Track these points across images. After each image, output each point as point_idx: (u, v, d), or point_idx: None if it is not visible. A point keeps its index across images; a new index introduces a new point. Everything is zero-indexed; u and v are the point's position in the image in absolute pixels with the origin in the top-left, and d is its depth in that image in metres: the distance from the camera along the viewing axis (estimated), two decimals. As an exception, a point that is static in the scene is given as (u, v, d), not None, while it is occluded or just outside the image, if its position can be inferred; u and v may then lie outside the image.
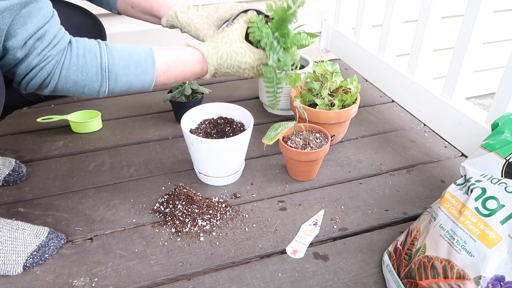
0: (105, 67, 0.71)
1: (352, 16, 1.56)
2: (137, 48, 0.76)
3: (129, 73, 0.74)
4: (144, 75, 0.75)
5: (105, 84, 0.72)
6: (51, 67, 0.67)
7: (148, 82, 0.76)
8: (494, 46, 2.05)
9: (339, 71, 1.16)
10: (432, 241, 0.73)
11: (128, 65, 0.73)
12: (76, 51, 0.70)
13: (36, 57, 0.66)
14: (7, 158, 1.07)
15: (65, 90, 0.71)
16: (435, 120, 1.19)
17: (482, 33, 1.02)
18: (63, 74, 0.69)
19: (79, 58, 0.69)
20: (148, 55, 0.75)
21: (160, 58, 0.77)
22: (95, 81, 0.71)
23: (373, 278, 0.83)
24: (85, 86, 0.71)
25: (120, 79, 0.73)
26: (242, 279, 0.82)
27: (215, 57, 0.81)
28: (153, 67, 0.76)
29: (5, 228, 0.83)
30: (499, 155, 0.76)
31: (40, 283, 0.81)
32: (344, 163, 1.15)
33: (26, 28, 0.63)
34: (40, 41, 0.65)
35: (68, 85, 0.70)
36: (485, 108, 2.12)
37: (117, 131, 1.28)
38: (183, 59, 0.80)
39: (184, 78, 0.82)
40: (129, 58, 0.73)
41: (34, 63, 0.66)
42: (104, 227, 0.93)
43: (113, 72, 0.72)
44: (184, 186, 1.01)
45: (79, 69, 0.69)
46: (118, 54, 0.73)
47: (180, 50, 0.80)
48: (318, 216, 0.97)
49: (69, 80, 0.69)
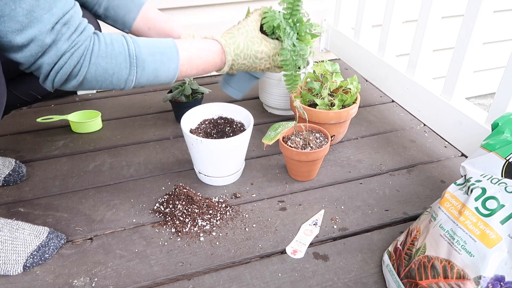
0: (133, 54, 0.71)
1: (352, 16, 1.56)
2: (160, 39, 0.77)
3: (156, 60, 0.74)
4: (169, 63, 0.76)
5: (134, 72, 0.72)
6: (80, 53, 0.67)
7: (173, 71, 0.77)
8: (494, 46, 2.05)
9: (339, 71, 1.16)
10: (432, 241, 0.73)
11: (154, 53, 0.74)
12: (104, 39, 0.70)
13: (65, 42, 0.65)
14: (7, 158, 1.07)
15: (94, 80, 0.70)
16: (435, 120, 1.19)
17: (482, 33, 1.02)
18: (93, 60, 0.68)
19: (107, 45, 0.70)
20: (171, 45, 0.77)
21: (183, 47, 0.78)
22: (123, 68, 0.71)
23: (373, 278, 0.83)
24: (114, 74, 0.71)
25: (147, 66, 0.73)
26: (242, 279, 0.82)
27: (232, 47, 0.83)
28: (177, 55, 0.76)
29: (5, 228, 0.83)
30: (499, 155, 0.76)
31: (40, 283, 0.81)
32: (344, 163, 1.15)
33: (52, 13, 0.62)
34: (67, 26, 0.65)
35: (97, 73, 0.69)
36: (485, 108, 2.12)
37: (117, 131, 1.28)
38: (204, 49, 0.81)
39: (205, 69, 0.82)
40: (154, 46, 0.74)
41: (64, 48, 0.65)
42: (104, 227, 0.93)
43: (140, 59, 0.72)
44: (184, 186, 1.01)
45: (108, 56, 0.69)
46: (143, 43, 0.74)
47: (200, 42, 0.82)
48: (318, 216, 0.97)
49: (99, 67, 0.69)
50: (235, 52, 0.83)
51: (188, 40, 0.81)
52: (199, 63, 0.80)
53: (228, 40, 0.83)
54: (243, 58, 0.84)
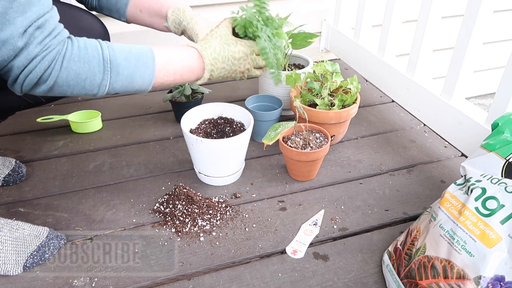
0: (107, 58, 0.70)
1: (352, 16, 1.56)
2: (136, 45, 0.76)
3: (131, 65, 0.72)
4: (144, 68, 0.74)
5: (107, 77, 0.70)
6: (52, 57, 0.65)
7: (149, 77, 0.75)
8: (494, 46, 2.05)
9: (339, 71, 1.16)
10: (432, 241, 0.73)
11: (129, 57, 0.72)
12: (77, 43, 0.69)
13: (37, 46, 0.64)
14: (7, 158, 1.07)
15: (65, 85, 0.68)
16: (435, 120, 1.19)
17: (482, 33, 1.02)
18: (65, 64, 0.67)
19: (80, 49, 0.68)
20: (147, 50, 0.75)
21: (159, 53, 0.77)
22: (97, 72, 0.69)
23: (373, 278, 0.83)
24: (87, 79, 0.69)
25: (122, 71, 0.71)
26: (242, 279, 0.82)
27: (209, 51, 0.82)
28: (153, 61, 0.75)
29: (5, 228, 0.83)
30: (499, 155, 0.76)
31: (40, 283, 0.81)
32: (344, 163, 1.15)
33: (26, 16, 0.61)
34: (41, 30, 0.64)
35: (69, 78, 0.68)
36: (485, 108, 2.12)
37: (117, 131, 1.28)
38: (180, 55, 0.80)
39: (183, 75, 0.81)
40: (129, 51, 0.73)
41: (35, 52, 0.64)
42: (104, 227, 0.93)
43: (114, 63, 0.70)
44: (184, 186, 1.01)
45: (81, 60, 0.68)
46: (118, 47, 0.72)
47: (176, 48, 0.81)
48: (318, 216, 0.97)
49: (71, 71, 0.67)
50: (212, 56, 0.82)
51: (165, 47, 0.80)
52: (176, 68, 0.79)
53: (203, 45, 0.82)
54: (221, 61, 0.83)
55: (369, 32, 1.50)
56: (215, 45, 0.82)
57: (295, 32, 1.25)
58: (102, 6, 0.95)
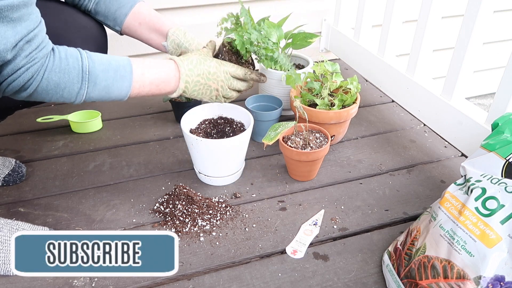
0: (86, 69, 0.73)
1: (352, 16, 1.56)
2: (115, 57, 0.79)
3: (108, 77, 0.75)
4: (122, 81, 0.77)
5: (85, 87, 0.73)
6: (35, 69, 0.68)
7: (126, 89, 0.78)
8: (494, 46, 2.05)
9: (339, 71, 1.16)
10: (432, 241, 0.73)
11: (107, 69, 0.75)
12: (59, 54, 0.71)
13: (23, 58, 0.66)
14: (7, 158, 1.07)
15: (44, 93, 0.71)
16: (435, 120, 1.19)
17: (482, 33, 1.02)
18: (46, 76, 0.70)
19: (61, 60, 0.71)
20: (126, 63, 0.78)
21: (137, 65, 0.80)
22: (75, 83, 0.72)
23: (373, 278, 0.83)
24: (65, 88, 0.72)
25: (99, 82, 0.75)
26: (242, 279, 0.82)
27: (186, 62, 0.85)
28: (130, 74, 0.78)
29: (5, 228, 0.83)
30: (499, 155, 0.76)
31: (40, 283, 0.81)
32: (344, 163, 1.15)
33: (17, 31, 0.63)
34: (29, 44, 0.66)
35: (49, 87, 0.71)
36: (485, 108, 2.12)
37: (117, 131, 1.28)
38: (158, 66, 0.83)
39: (159, 86, 0.84)
40: (108, 63, 0.76)
41: (21, 64, 0.66)
42: (104, 227, 0.93)
43: (93, 74, 0.73)
44: (184, 186, 1.01)
45: (61, 71, 0.71)
46: (98, 59, 0.75)
47: (155, 61, 0.84)
48: (318, 216, 0.97)
49: (51, 81, 0.70)
50: (188, 67, 0.85)
51: (144, 59, 0.83)
52: (152, 79, 0.82)
53: (182, 58, 0.86)
54: (196, 74, 0.86)
55: (369, 32, 1.50)
56: (192, 58, 0.87)
57: (295, 32, 1.25)
58: (98, 12, 0.95)
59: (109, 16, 0.95)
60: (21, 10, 0.63)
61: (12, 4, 0.61)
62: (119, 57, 0.79)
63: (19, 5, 0.62)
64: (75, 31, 0.78)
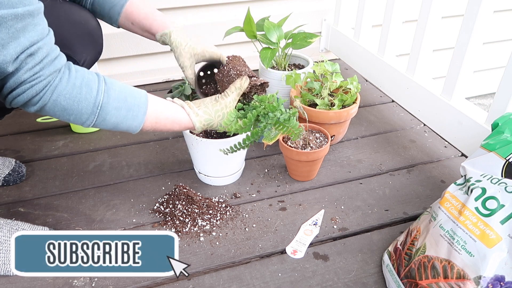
0: (99, 104, 0.71)
1: (352, 16, 1.56)
2: (134, 92, 0.76)
3: (119, 115, 0.73)
4: (132, 120, 0.75)
5: (93, 119, 0.72)
6: (41, 87, 0.65)
7: (135, 127, 0.77)
8: (494, 46, 2.05)
9: (339, 71, 1.16)
10: (432, 241, 0.73)
11: (121, 107, 0.73)
12: (74, 80, 0.69)
13: (26, 72, 0.64)
14: (7, 158, 1.07)
15: (51, 113, 0.70)
16: (435, 120, 1.19)
17: (482, 33, 1.02)
18: (54, 97, 0.67)
19: (74, 87, 0.69)
20: (142, 103, 0.76)
21: (153, 108, 0.78)
22: (83, 113, 0.70)
23: (373, 278, 0.83)
24: (72, 115, 0.70)
25: (108, 119, 0.73)
26: (242, 279, 0.82)
27: (204, 123, 0.85)
28: (143, 115, 0.76)
29: (5, 228, 0.83)
30: (499, 155, 0.76)
31: (40, 283, 0.81)
32: (344, 163, 1.15)
33: (19, 42, 0.61)
34: (32, 57, 0.63)
35: (56, 109, 0.69)
36: (485, 108, 2.12)
37: (117, 131, 1.28)
38: (173, 119, 0.82)
39: (172, 127, 0.83)
40: (124, 100, 0.74)
41: (24, 78, 0.64)
42: (104, 227, 0.93)
43: (104, 110, 0.71)
44: (184, 186, 1.01)
45: (71, 98, 0.68)
46: (115, 94, 0.73)
47: (173, 110, 0.82)
48: (318, 216, 0.97)
49: (58, 105, 0.68)
50: (204, 125, 0.85)
51: (162, 102, 0.81)
52: (163, 128, 0.81)
53: (203, 122, 0.84)
54: (204, 112, 0.85)
55: (369, 32, 1.50)
56: (213, 123, 0.86)
57: (295, 32, 1.25)
58: (94, 11, 0.95)
59: (104, 16, 0.95)
60: (25, 20, 0.60)
61: (16, 13, 0.58)
62: (137, 93, 0.77)
63: (24, 14, 0.59)
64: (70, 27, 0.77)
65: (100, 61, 1.48)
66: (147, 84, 1.59)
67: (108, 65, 1.52)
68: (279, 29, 1.21)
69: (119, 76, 1.54)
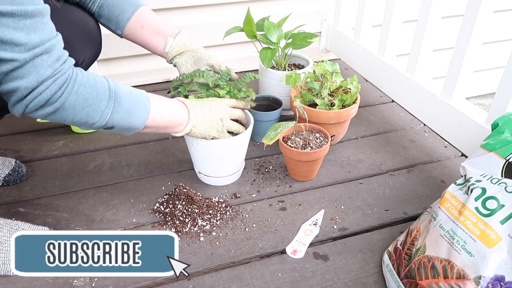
0: (113, 89, 0.75)
1: (352, 16, 1.56)
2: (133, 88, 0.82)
3: (131, 100, 0.78)
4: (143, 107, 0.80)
5: (111, 105, 0.74)
6: (63, 80, 0.68)
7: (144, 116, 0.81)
8: (494, 46, 2.05)
9: (339, 71, 1.16)
10: (432, 241, 0.73)
11: (130, 93, 0.79)
12: (87, 73, 0.73)
13: (47, 68, 0.66)
14: (7, 158, 1.07)
15: (71, 108, 0.71)
16: (435, 120, 1.19)
17: (482, 33, 1.02)
18: (76, 88, 0.70)
19: (89, 78, 0.73)
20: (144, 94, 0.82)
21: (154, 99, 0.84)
22: (103, 100, 0.73)
23: (373, 278, 0.83)
24: (92, 105, 0.72)
25: (123, 103, 0.76)
26: (242, 279, 0.82)
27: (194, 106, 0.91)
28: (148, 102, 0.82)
29: (5, 228, 0.83)
30: (499, 155, 0.76)
31: (40, 283, 0.81)
32: (344, 163, 1.15)
33: (30, 38, 0.63)
34: (49, 54, 0.66)
35: (77, 101, 0.70)
36: (485, 108, 2.12)
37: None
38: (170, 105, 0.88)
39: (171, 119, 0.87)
40: (129, 90, 0.80)
41: (46, 74, 0.66)
42: (104, 227, 0.93)
43: (118, 95, 0.75)
44: (184, 186, 1.01)
45: (90, 86, 0.72)
46: (120, 84, 0.78)
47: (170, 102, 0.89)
48: (318, 216, 0.97)
49: (80, 95, 0.71)
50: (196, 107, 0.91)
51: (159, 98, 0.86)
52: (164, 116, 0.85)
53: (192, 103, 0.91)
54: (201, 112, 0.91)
55: (369, 32, 1.50)
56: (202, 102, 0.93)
57: (295, 32, 1.25)
58: (101, 15, 0.94)
59: (112, 20, 0.95)
60: (35, 18, 0.63)
61: (26, 10, 0.61)
62: (137, 89, 0.82)
63: (33, 12, 0.62)
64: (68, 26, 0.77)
65: (100, 61, 1.48)
66: (147, 84, 1.59)
67: (108, 65, 1.52)
68: (279, 29, 1.21)
69: (119, 76, 1.54)
